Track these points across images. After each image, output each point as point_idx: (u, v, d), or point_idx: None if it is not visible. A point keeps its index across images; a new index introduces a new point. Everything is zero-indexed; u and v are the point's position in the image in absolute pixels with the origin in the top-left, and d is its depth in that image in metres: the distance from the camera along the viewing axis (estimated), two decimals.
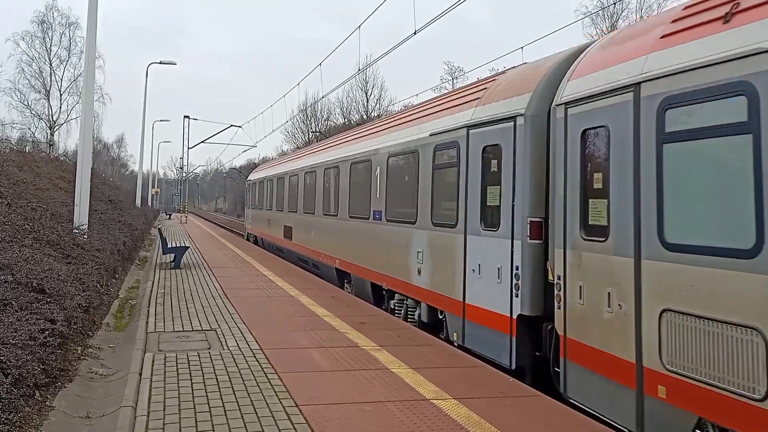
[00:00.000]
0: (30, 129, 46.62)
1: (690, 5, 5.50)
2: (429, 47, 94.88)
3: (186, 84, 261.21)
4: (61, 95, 47.31)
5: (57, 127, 47.33)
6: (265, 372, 6.90)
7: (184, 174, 78.83)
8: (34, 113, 46.56)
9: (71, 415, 5.77)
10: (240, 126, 58.92)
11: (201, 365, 7.13)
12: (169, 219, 57.44)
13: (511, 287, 7.43)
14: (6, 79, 58.94)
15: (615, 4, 36.52)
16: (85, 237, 13.03)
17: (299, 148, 51.16)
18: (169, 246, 18.00)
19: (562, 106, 6.64)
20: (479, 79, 10.24)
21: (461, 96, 9.63)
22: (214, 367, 7.04)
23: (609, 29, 36.86)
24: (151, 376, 6.66)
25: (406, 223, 10.65)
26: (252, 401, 5.90)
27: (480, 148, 8.31)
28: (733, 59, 4.64)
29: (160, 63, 41.61)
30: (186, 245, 18.59)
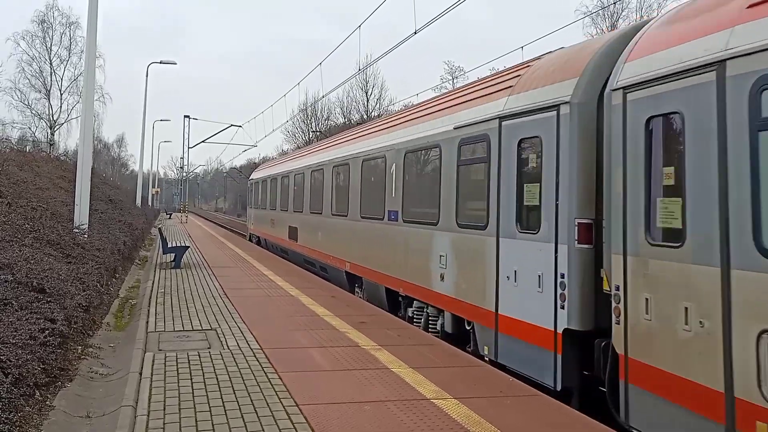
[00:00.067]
0: (30, 128, 46.74)
1: None
2: (429, 47, 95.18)
3: (186, 84, 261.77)
4: (62, 95, 47.35)
5: (57, 127, 47.33)
6: (266, 371, 6.89)
7: (184, 174, 78.97)
8: (34, 113, 46.64)
9: (71, 415, 5.77)
10: (240, 125, 59.05)
11: (201, 365, 7.13)
12: (170, 219, 57.52)
13: (555, 297, 6.66)
14: (6, 79, 59.19)
15: (615, 3, 36.55)
16: (86, 236, 13.04)
17: (300, 147, 51.13)
18: (170, 246, 18.01)
19: (619, 91, 5.82)
20: (506, 68, 9.33)
21: (490, 85, 8.80)
22: (214, 367, 7.04)
23: (609, 29, 36.87)
24: (152, 375, 6.66)
25: (426, 225, 9.92)
26: (252, 401, 5.90)
27: (515, 141, 7.56)
28: None
29: (160, 63, 41.83)
30: (186, 245, 18.60)
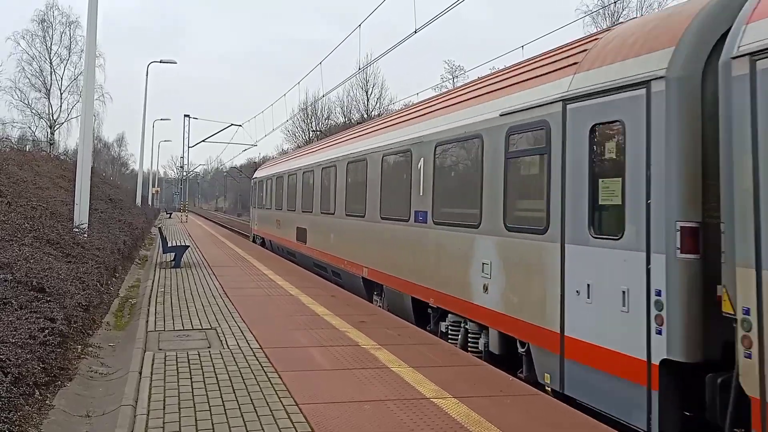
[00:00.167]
0: (30, 128, 46.77)
1: None
2: (429, 47, 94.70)
3: (186, 84, 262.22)
4: (62, 94, 47.38)
5: (57, 126, 47.36)
6: (265, 371, 6.89)
7: (184, 173, 78.96)
8: (34, 112, 46.67)
9: (71, 414, 5.77)
10: (240, 125, 58.84)
11: (201, 364, 7.13)
12: (170, 218, 57.57)
13: (648, 320, 5.48)
14: (6, 78, 59.23)
15: (616, 3, 36.54)
16: (85, 236, 13.05)
17: (300, 146, 51.10)
18: (170, 245, 18.01)
19: (744, 58, 4.69)
20: (566, 43, 7.80)
21: (546, 63, 7.55)
22: (214, 366, 7.04)
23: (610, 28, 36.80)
24: (151, 374, 6.66)
25: (464, 227, 8.63)
26: (252, 400, 5.90)
27: (586, 127, 6.32)
28: None
29: (160, 62, 41.92)
30: (186, 244, 18.60)
